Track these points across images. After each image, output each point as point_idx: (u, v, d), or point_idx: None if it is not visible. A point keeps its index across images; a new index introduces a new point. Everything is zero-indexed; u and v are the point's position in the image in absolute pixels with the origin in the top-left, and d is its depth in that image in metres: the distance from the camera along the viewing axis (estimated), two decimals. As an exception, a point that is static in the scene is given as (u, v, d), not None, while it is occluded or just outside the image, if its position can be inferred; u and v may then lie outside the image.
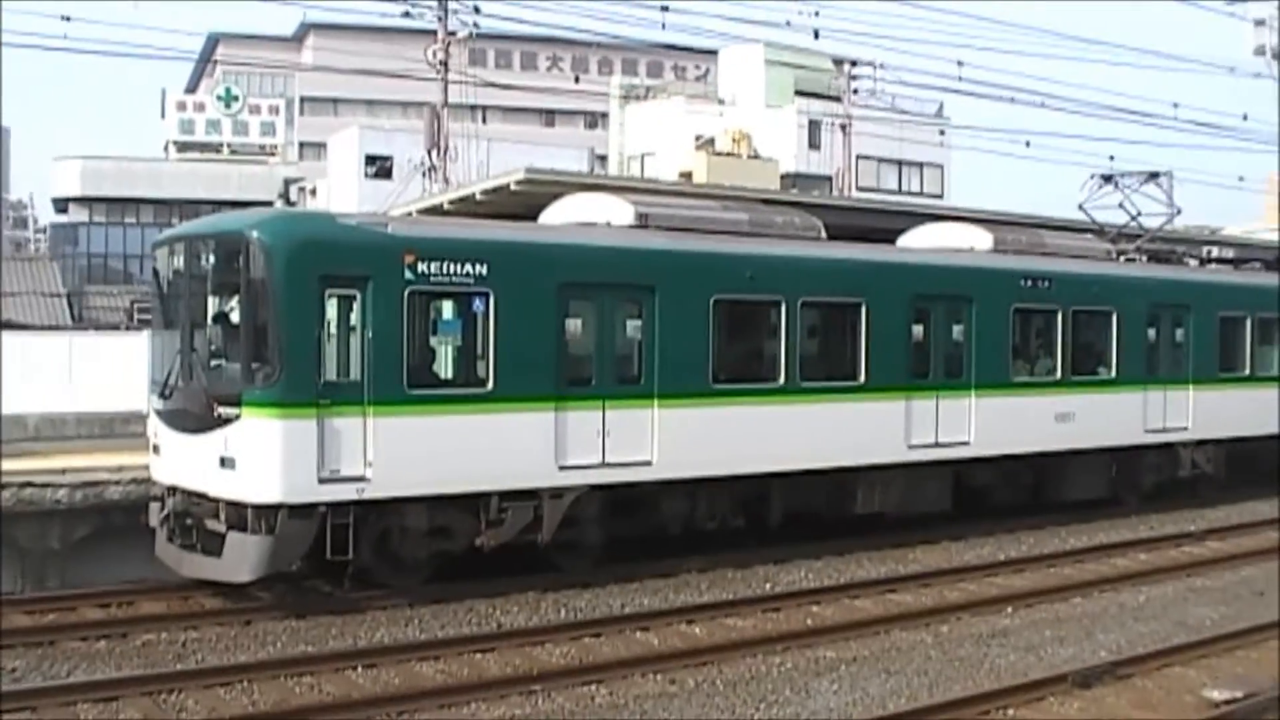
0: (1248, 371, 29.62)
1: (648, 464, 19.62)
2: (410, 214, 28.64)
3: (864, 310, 22.23)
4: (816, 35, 42.60)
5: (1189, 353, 28.06)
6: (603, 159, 73.08)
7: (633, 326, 19.96)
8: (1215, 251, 31.74)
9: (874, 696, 14.49)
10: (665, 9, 42.00)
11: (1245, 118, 49.46)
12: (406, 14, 49.84)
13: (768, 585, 19.90)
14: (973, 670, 15.61)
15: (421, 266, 17.71)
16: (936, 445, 23.24)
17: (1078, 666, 15.29)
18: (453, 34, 49.83)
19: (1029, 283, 24.99)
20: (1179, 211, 30.92)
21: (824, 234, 23.15)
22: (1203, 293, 28.84)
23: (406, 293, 17.59)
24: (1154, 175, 30.28)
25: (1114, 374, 26.48)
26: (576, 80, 67.70)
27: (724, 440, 20.48)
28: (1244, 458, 30.10)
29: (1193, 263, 30.73)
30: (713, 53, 73.17)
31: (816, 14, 42.27)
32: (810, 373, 21.63)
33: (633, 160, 67.91)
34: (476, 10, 49.40)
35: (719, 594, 19.20)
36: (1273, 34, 57.67)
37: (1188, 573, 21.62)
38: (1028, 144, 49.17)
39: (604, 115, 78.44)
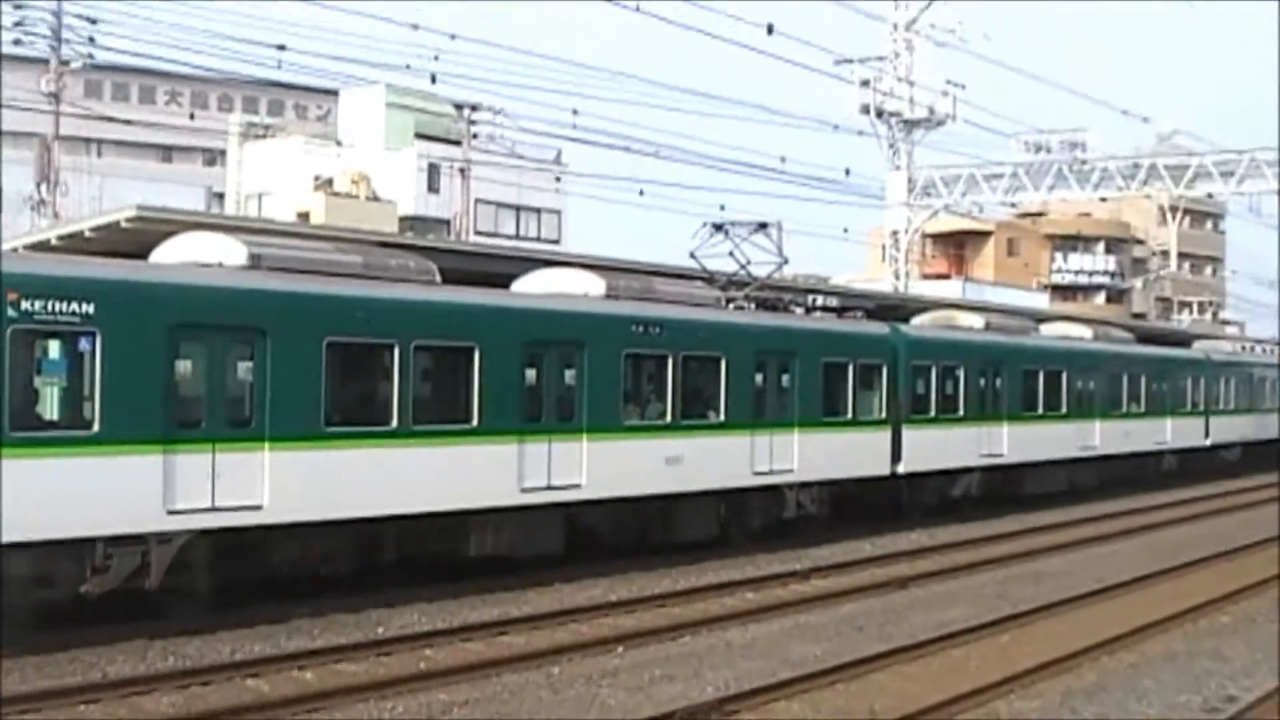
0: (850, 415, 30.91)
1: (259, 508, 19.39)
2: (16, 249, 27.67)
3: (477, 354, 22.45)
4: (434, 79, 42.75)
5: (795, 397, 29.06)
6: (221, 197, 71.77)
7: (244, 368, 19.74)
8: (820, 300, 33.04)
9: (484, 738, 14.64)
10: (282, 48, 41.63)
11: (848, 173, 51.77)
12: (17, 41, 48.23)
13: (380, 629, 19.83)
14: (582, 710, 15.82)
15: (25, 304, 17.17)
16: (549, 488, 23.55)
17: (685, 704, 15.63)
18: (66, 64, 48.45)
19: (640, 328, 25.61)
20: (787, 261, 32.01)
21: (439, 278, 23.32)
22: (808, 339, 29.96)
23: (9, 331, 17.04)
24: (763, 225, 31.15)
25: (723, 418, 27.25)
26: (192, 116, 66.39)
27: (337, 483, 20.36)
28: (848, 498, 31.41)
29: (799, 310, 31.91)
30: (334, 93, 72.70)
31: (436, 58, 42.44)
32: (424, 416, 21.71)
33: (250, 199, 66.90)
34: (92, 41, 48.11)
35: (331, 639, 19.05)
36: (876, 94, 60.59)
37: (793, 610, 22.37)
38: (641, 192, 50.16)
39: (223, 152, 77.06)
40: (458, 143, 63.26)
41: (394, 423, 21.21)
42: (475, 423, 22.40)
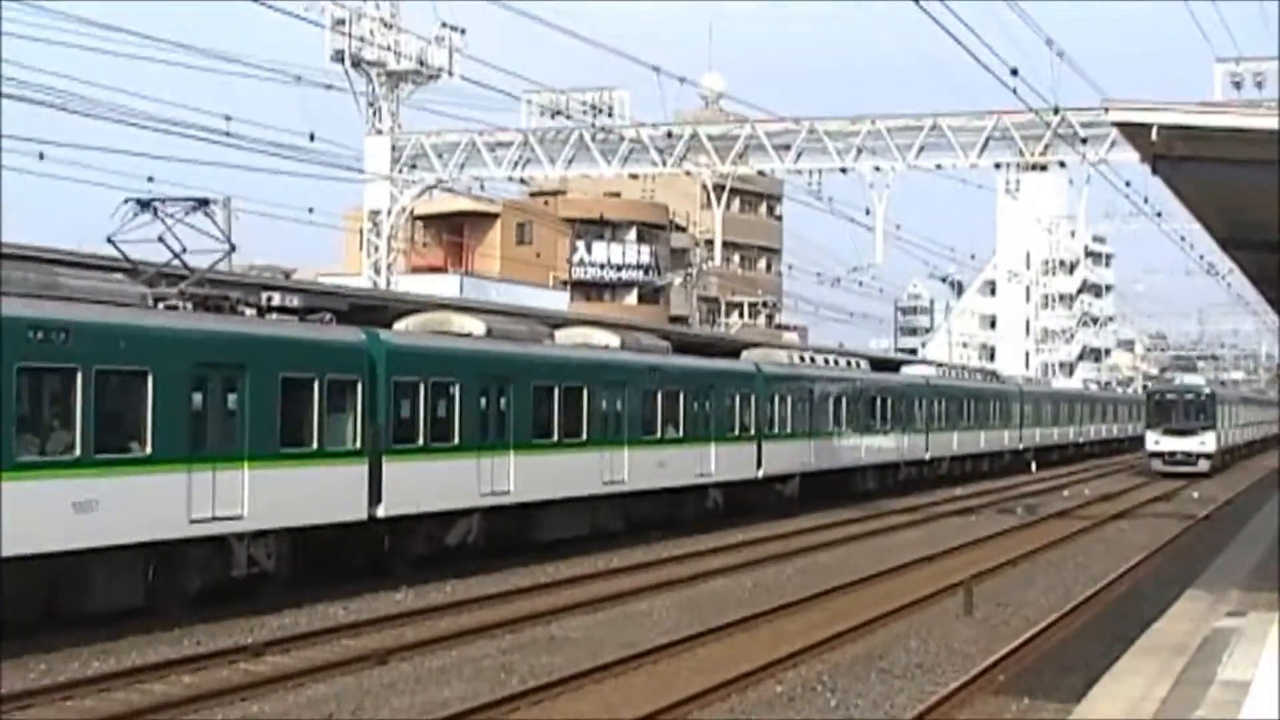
0: (316, 445, 30.93)
1: None
2: None
3: None
4: None
5: (245, 422, 28.96)
6: None
7: None
8: (279, 299, 32.78)
9: None
10: None
11: (313, 137, 51.36)
12: None
13: None
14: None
15: None
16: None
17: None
18: None
19: (38, 335, 25.00)
20: (235, 248, 31.82)
21: None
22: (262, 349, 29.87)
23: None
24: (203, 203, 30.91)
25: (150, 450, 26.98)
26: None
27: None
28: (315, 550, 31.42)
29: (250, 312, 31.62)
30: None
31: None
32: None
33: None
34: None
35: None
36: (352, 39, 60.70)
37: (244, 697, 22.23)
38: (41, 156, 48.26)
39: None
40: None
41: None
42: None
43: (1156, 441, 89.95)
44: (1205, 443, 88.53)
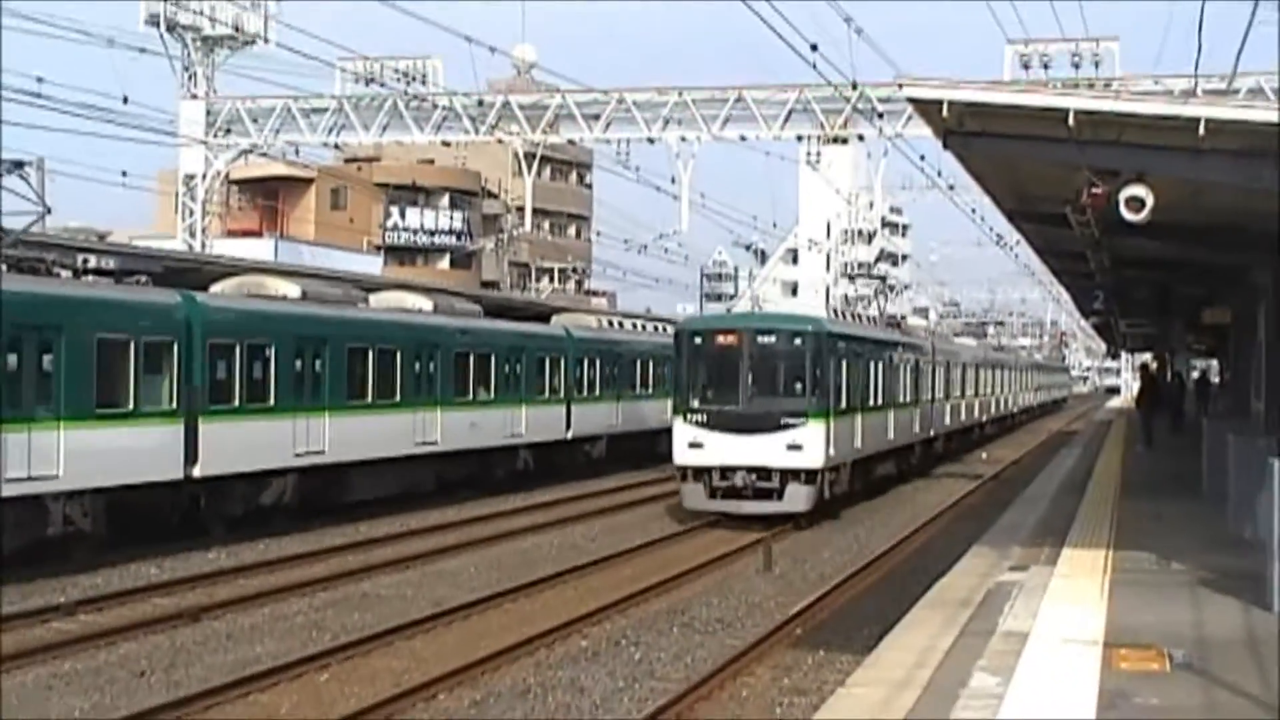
0: (133, 406, 30.60)
1: None
2: None
3: None
4: None
5: (61, 383, 28.59)
6: None
7: None
8: (94, 261, 32.39)
9: None
10: None
11: (127, 100, 50.62)
12: None
13: None
14: None
15: None
16: None
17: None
18: None
19: None
20: (49, 210, 31.38)
21: None
22: (78, 310, 29.56)
23: None
24: (18, 165, 30.51)
25: (-38, 411, 26.54)
26: None
27: None
28: (131, 510, 31.05)
29: (66, 273, 31.22)
30: None
31: None
32: None
33: None
34: None
35: None
36: (166, 4, 59.93)
37: (57, 656, 21.97)
38: None
39: None
40: None
41: None
42: None
43: (695, 444, 39.24)
44: (802, 445, 38.83)
